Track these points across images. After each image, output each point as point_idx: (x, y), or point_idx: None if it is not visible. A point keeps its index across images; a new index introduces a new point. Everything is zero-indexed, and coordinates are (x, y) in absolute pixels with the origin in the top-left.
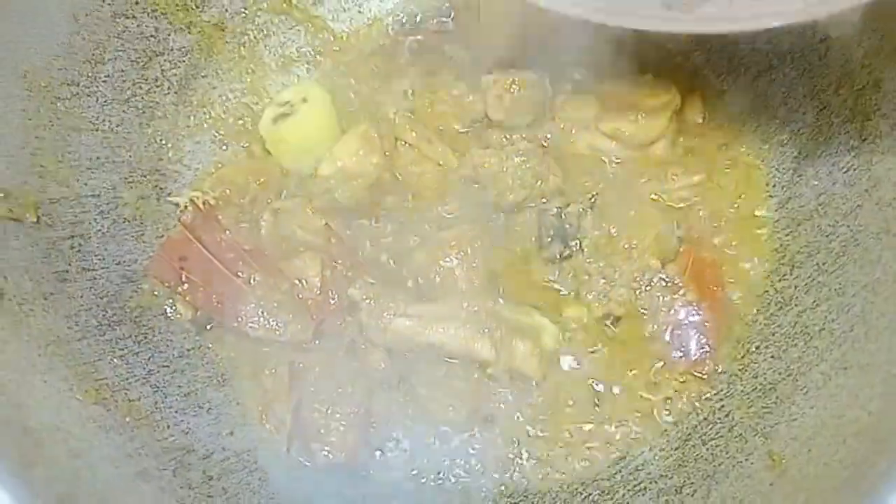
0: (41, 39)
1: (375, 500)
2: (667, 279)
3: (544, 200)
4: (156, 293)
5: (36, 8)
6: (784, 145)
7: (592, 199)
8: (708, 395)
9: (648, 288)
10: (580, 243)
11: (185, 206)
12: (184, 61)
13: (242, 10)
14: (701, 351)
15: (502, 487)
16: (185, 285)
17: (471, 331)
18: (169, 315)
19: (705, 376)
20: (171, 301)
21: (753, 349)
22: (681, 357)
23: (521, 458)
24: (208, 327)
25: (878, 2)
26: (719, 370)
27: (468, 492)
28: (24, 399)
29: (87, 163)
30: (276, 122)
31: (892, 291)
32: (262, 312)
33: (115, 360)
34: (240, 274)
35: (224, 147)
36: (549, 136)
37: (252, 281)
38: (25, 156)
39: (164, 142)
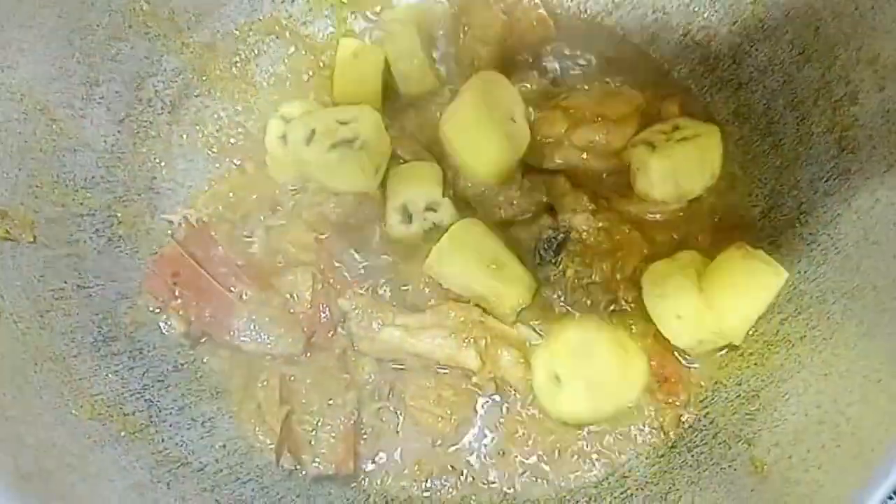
0: (37, 63)
1: None
2: None
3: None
4: (150, 309)
5: (32, 32)
6: (766, 155)
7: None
8: (692, 403)
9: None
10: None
11: (179, 224)
12: (177, 81)
13: (234, 31)
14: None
15: (492, 497)
16: (178, 300)
17: (457, 340)
18: (163, 330)
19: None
20: (165, 316)
21: (737, 357)
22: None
23: (510, 468)
24: (202, 341)
25: (853, 15)
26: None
27: (458, 502)
28: (20, 415)
29: (82, 182)
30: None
31: (870, 299)
32: (255, 326)
33: (110, 376)
34: (232, 289)
35: (217, 165)
36: None
37: (244, 296)
38: (22, 177)
39: (157, 160)
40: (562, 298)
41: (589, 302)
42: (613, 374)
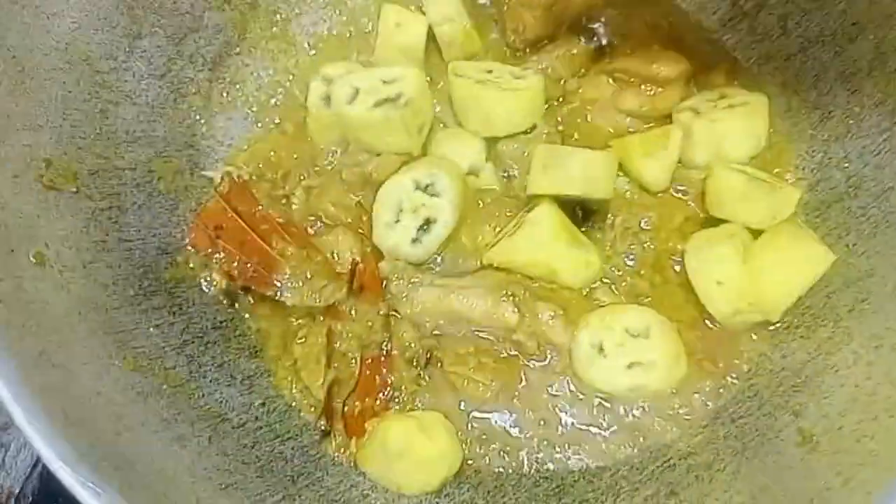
0: (81, 12)
1: None
2: None
3: None
4: (191, 265)
5: None
6: (814, 128)
7: None
8: (735, 374)
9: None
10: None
11: (221, 179)
12: (218, 38)
13: None
14: None
15: (535, 468)
16: (221, 254)
17: (495, 296)
18: (203, 287)
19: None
20: (206, 272)
21: (783, 329)
22: None
23: (550, 437)
24: (242, 298)
25: None
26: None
27: (500, 475)
28: (66, 363)
29: (123, 136)
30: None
31: None
32: (297, 281)
33: (151, 329)
34: (274, 245)
35: (257, 124)
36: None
37: (287, 252)
38: (66, 127)
39: (197, 118)
40: (614, 249)
41: (641, 249)
42: (660, 365)
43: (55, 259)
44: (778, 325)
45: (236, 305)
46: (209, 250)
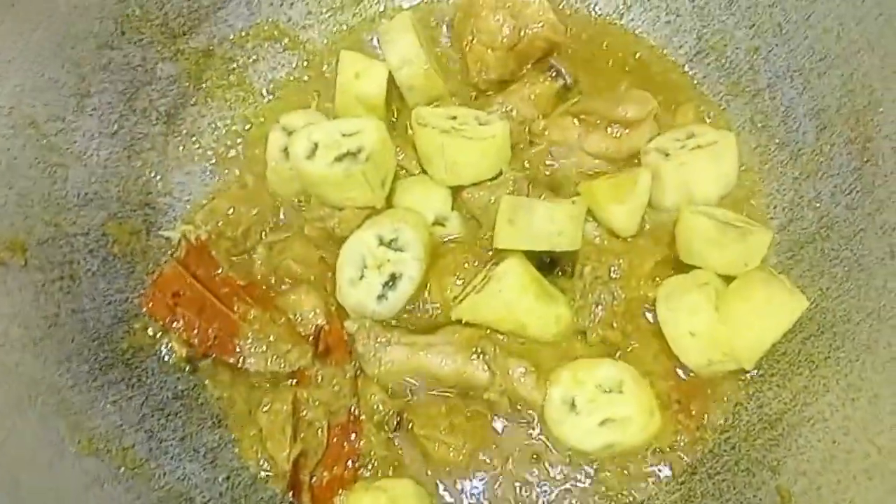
0: (25, 74)
1: None
2: None
3: None
4: (150, 332)
5: (19, 42)
6: (784, 166)
7: None
8: (711, 427)
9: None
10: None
11: (179, 242)
12: (172, 90)
13: (231, 36)
14: None
15: None
16: (180, 321)
17: (465, 354)
18: (163, 355)
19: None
20: (165, 340)
21: (758, 377)
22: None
23: (525, 500)
24: (203, 364)
25: (878, 20)
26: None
27: None
28: (16, 455)
29: (74, 200)
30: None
31: None
32: (261, 346)
33: (108, 406)
34: (236, 309)
35: (215, 178)
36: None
37: (249, 316)
38: (12, 196)
39: (153, 174)
40: (584, 300)
41: (612, 298)
42: (634, 421)
43: (3, 339)
44: (753, 373)
45: (198, 372)
46: (167, 319)
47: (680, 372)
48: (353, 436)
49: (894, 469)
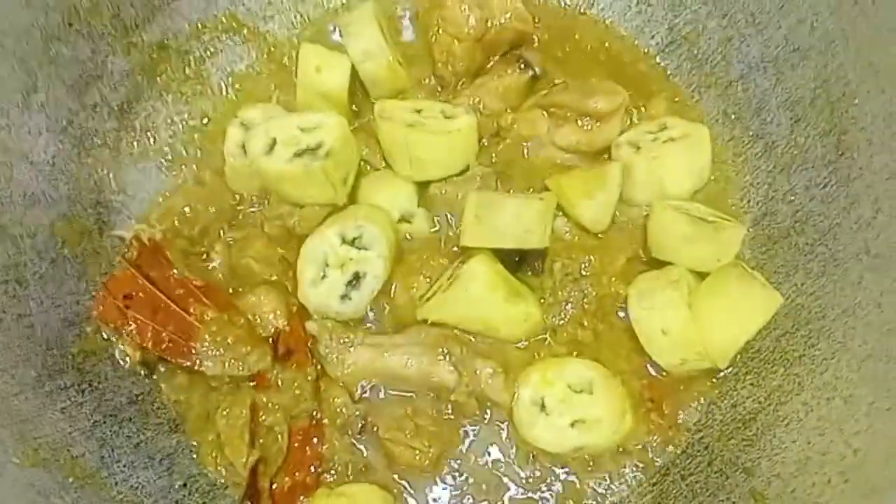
0: None
1: None
2: None
3: None
4: (103, 335)
5: None
6: (758, 159)
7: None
8: (684, 426)
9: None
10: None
11: (131, 242)
12: (125, 85)
13: (187, 28)
14: None
15: None
16: (132, 326)
17: (431, 355)
18: (116, 359)
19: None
20: (119, 344)
21: (731, 376)
22: None
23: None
24: (158, 369)
25: (852, 11)
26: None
27: None
28: None
29: (20, 200)
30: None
31: (874, 317)
32: (218, 349)
33: (56, 414)
34: (192, 311)
35: (171, 175)
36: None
37: (206, 318)
38: None
39: (105, 172)
40: (554, 297)
41: (582, 296)
42: (605, 422)
43: None
44: (727, 371)
45: (154, 376)
46: (119, 323)
47: (652, 370)
48: (316, 440)
49: (870, 472)
